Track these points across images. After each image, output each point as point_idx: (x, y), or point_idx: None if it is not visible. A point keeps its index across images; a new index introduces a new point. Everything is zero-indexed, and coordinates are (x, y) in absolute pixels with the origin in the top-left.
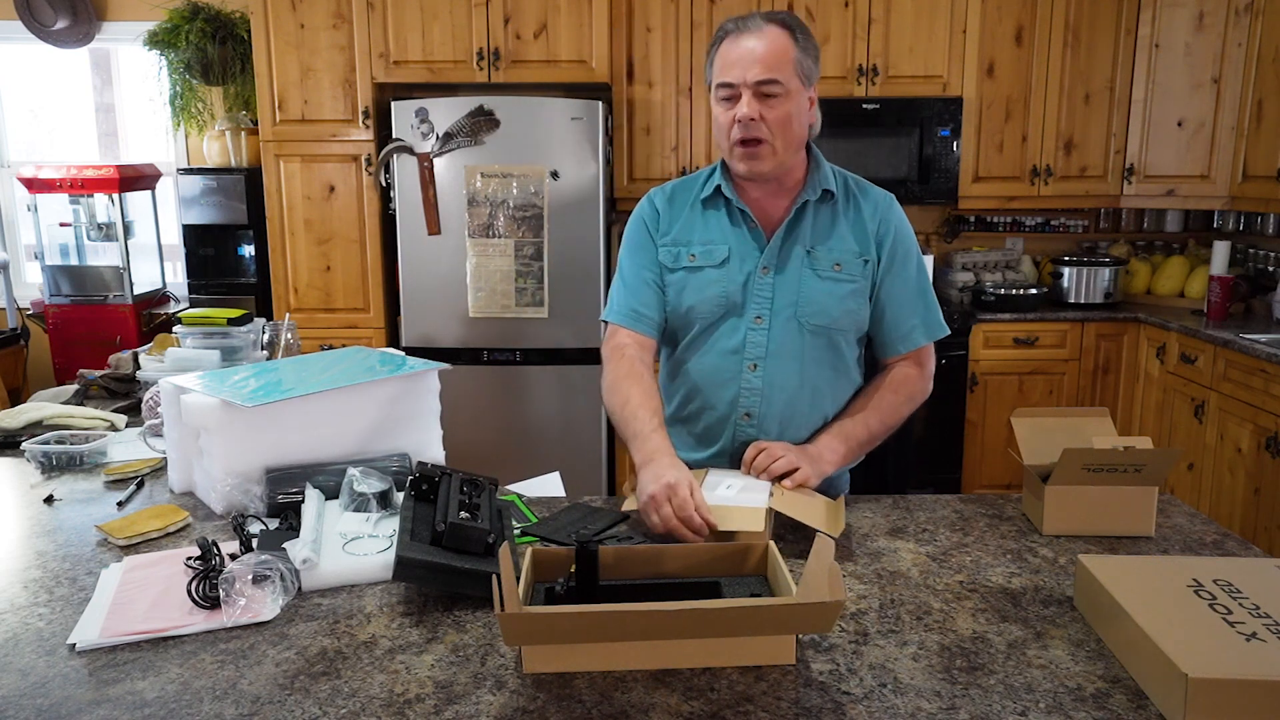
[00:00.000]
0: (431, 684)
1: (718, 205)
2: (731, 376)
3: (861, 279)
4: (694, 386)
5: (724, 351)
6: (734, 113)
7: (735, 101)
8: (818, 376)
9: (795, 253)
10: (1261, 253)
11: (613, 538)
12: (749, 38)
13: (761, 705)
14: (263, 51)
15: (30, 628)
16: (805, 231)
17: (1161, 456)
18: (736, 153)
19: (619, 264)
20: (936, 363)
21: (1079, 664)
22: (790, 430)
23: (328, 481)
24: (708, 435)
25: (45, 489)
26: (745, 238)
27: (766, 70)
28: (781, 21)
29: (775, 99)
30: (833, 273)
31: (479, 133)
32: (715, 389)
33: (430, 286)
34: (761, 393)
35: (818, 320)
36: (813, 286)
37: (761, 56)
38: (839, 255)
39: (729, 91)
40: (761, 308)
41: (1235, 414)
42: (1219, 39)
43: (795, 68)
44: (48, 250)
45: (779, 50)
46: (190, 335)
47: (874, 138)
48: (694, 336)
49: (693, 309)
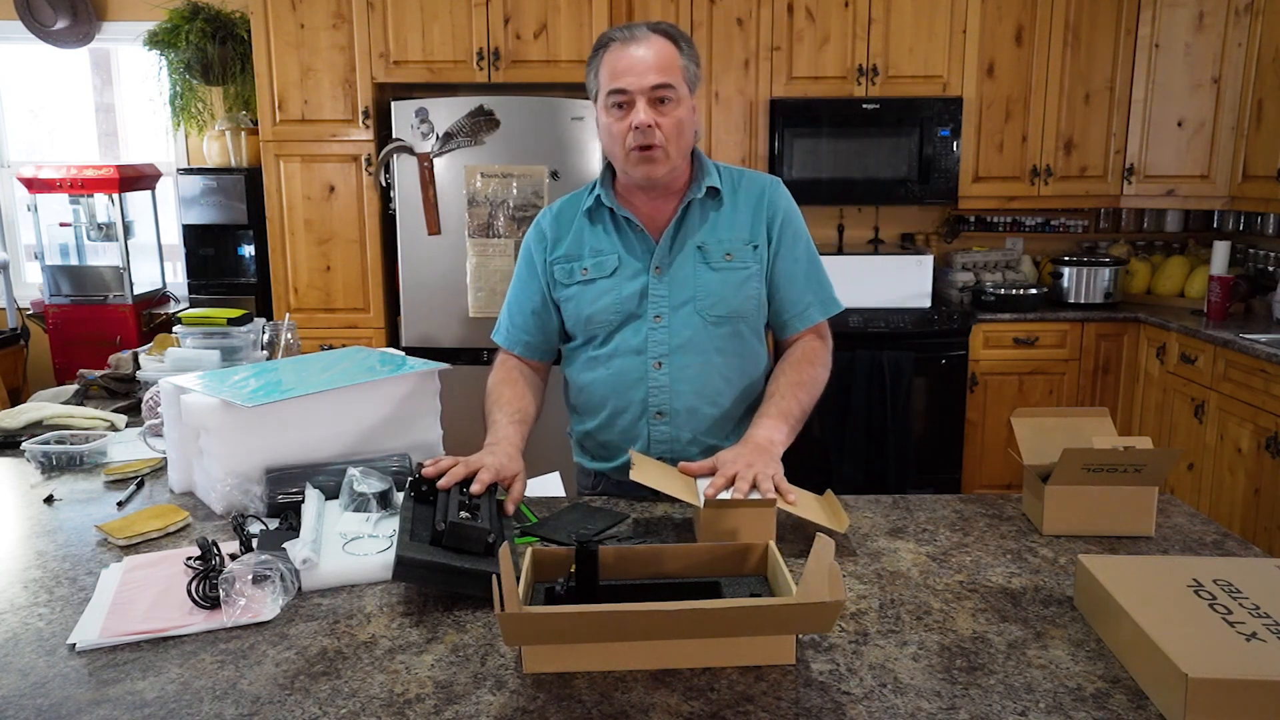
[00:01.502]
0: (431, 684)
1: (602, 217)
2: (639, 377)
3: (754, 263)
4: (605, 392)
5: (628, 353)
6: (629, 120)
7: (628, 109)
8: (725, 366)
9: (686, 249)
10: (1261, 253)
11: (613, 538)
12: (637, 46)
13: (761, 705)
14: (263, 51)
15: (30, 628)
16: (693, 228)
17: (1161, 456)
18: (633, 158)
19: (510, 288)
20: (937, 363)
21: (1079, 664)
22: (702, 423)
23: (328, 481)
24: (624, 439)
25: (45, 489)
26: (633, 243)
27: (661, 76)
28: (665, 31)
29: (668, 105)
30: (725, 262)
31: (479, 133)
32: (625, 391)
33: (430, 286)
34: (669, 389)
35: (719, 311)
36: (708, 279)
37: (654, 64)
38: (729, 245)
39: (623, 98)
40: (659, 306)
41: (1235, 414)
42: (1219, 39)
43: (683, 74)
44: (48, 250)
45: (668, 58)
46: (190, 335)
47: (874, 138)
48: (599, 343)
49: (591, 318)
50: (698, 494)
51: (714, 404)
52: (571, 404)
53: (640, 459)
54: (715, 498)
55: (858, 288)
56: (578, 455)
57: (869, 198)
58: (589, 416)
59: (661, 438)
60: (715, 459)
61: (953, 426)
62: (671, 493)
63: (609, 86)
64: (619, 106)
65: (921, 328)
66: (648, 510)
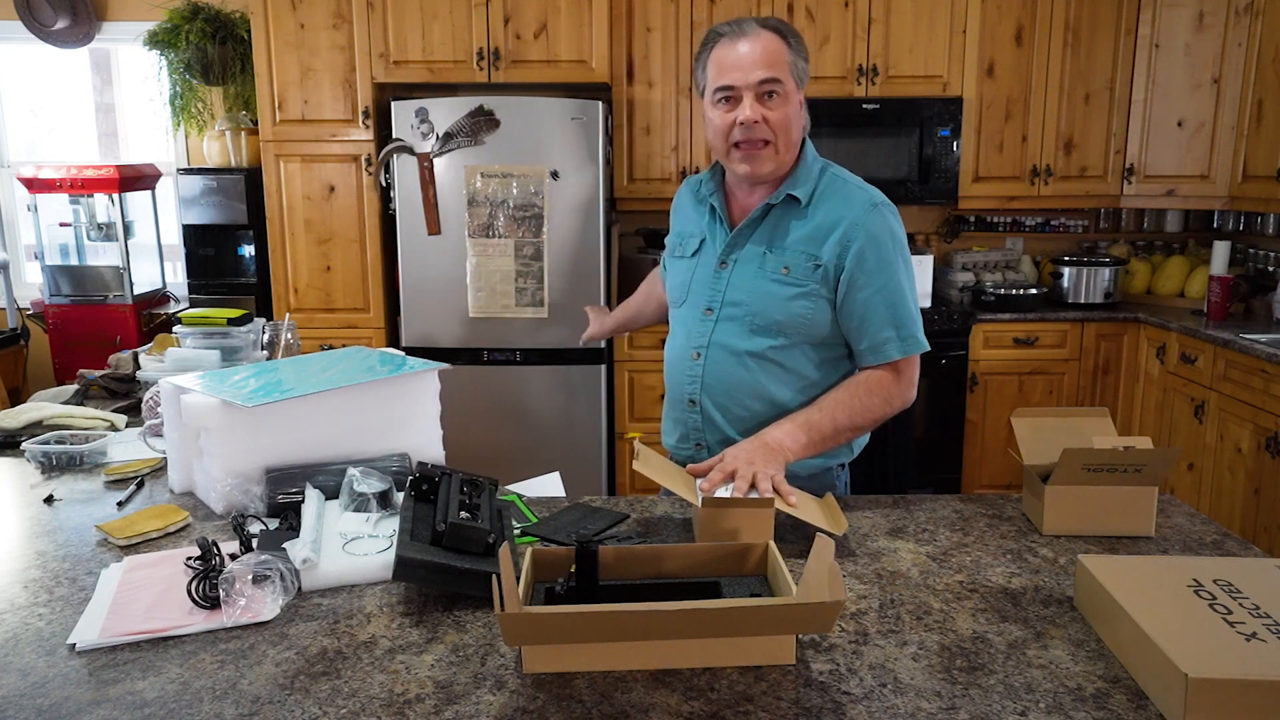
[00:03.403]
0: (431, 684)
1: (705, 199)
2: (684, 364)
3: (812, 284)
4: (668, 364)
5: (682, 335)
6: (734, 115)
7: (735, 104)
8: (762, 375)
9: (751, 252)
10: (1261, 253)
11: (613, 538)
12: (744, 42)
13: (761, 705)
14: (263, 51)
15: (30, 628)
16: (765, 232)
17: (1161, 456)
18: (736, 155)
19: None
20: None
21: (1079, 664)
22: (732, 422)
23: (328, 481)
24: (672, 415)
25: (45, 489)
26: (717, 233)
27: (768, 70)
28: (774, 27)
29: (776, 100)
30: (780, 275)
31: (479, 133)
32: (674, 370)
33: (430, 286)
34: (702, 381)
35: (759, 320)
36: (760, 287)
37: (761, 59)
38: (789, 259)
39: (730, 93)
40: (712, 300)
41: (1235, 414)
42: (1219, 39)
43: (791, 69)
44: (48, 250)
45: (776, 52)
46: (190, 335)
47: (874, 138)
48: (673, 314)
49: (671, 290)
50: (697, 493)
51: (744, 407)
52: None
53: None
54: (713, 496)
55: None
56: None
57: None
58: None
59: (695, 424)
60: (722, 454)
61: (953, 426)
62: (671, 488)
63: (716, 82)
64: (726, 101)
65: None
66: (648, 510)
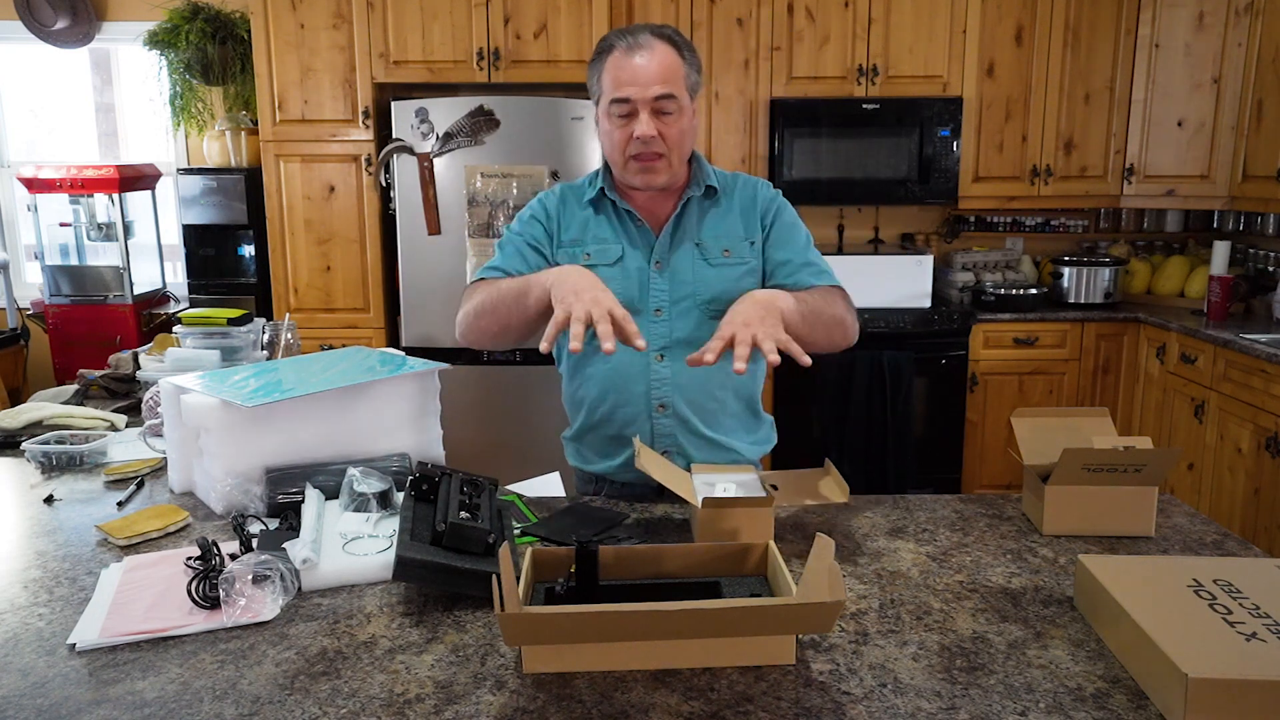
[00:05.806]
0: (431, 684)
1: (605, 208)
2: (640, 371)
3: (752, 259)
4: (604, 387)
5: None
6: (631, 129)
7: (631, 118)
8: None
9: (685, 246)
10: (1261, 253)
11: (613, 538)
12: (640, 54)
13: (761, 705)
14: (263, 51)
15: (30, 628)
16: (691, 225)
17: (1161, 456)
18: (634, 166)
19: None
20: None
21: (1079, 664)
22: (704, 416)
23: (328, 481)
24: (624, 433)
25: (45, 489)
26: (635, 236)
27: (664, 86)
28: (668, 38)
29: (671, 115)
30: (723, 259)
31: (479, 133)
32: (626, 385)
33: (430, 286)
34: (672, 381)
35: (719, 305)
36: (707, 275)
37: (657, 74)
38: (726, 242)
39: (626, 108)
40: (659, 300)
41: (1235, 414)
42: (1219, 39)
43: (685, 83)
44: (48, 250)
45: (671, 66)
46: (190, 335)
47: (874, 138)
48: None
49: None
50: (695, 494)
51: (714, 398)
52: (572, 399)
53: (645, 449)
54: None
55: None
56: (575, 459)
57: (869, 198)
58: (591, 411)
59: (664, 430)
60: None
61: (953, 426)
62: (671, 487)
63: (612, 94)
64: (623, 116)
65: (921, 328)
66: (648, 510)
